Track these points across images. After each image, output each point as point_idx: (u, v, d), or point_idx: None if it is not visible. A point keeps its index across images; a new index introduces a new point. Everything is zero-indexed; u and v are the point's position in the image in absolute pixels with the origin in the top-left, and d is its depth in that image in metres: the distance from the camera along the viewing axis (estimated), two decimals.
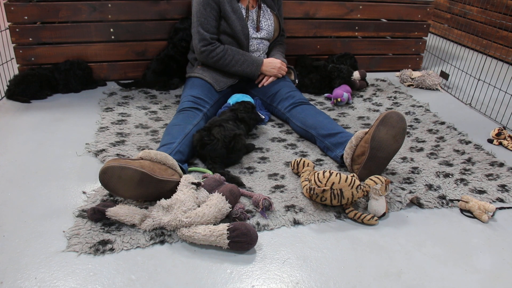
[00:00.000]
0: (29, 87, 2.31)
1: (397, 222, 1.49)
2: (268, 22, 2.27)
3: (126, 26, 2.55)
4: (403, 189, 1.65)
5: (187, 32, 2.49)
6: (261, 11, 2.25)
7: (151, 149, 1.74)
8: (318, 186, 1.46)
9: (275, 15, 2.31)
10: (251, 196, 1.53)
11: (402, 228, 1.46)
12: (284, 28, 2.44)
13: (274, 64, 2.24)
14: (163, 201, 1.37)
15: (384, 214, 1.49)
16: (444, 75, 2.80)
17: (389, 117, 1.62)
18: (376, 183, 1.49)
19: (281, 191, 1.61)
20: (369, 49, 3.01)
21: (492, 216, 1.53)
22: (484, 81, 2.64)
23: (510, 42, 3.37)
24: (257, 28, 2.23)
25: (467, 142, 2.06)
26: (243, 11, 2.18)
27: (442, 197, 1.62)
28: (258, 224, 1.42)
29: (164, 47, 2.58)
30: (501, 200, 1.63)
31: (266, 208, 1.46)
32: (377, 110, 2.42)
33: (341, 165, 1.81)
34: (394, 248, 1.36)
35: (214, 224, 1.35)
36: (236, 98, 2.11)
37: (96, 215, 1.37)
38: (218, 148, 1.68)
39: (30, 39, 2.45)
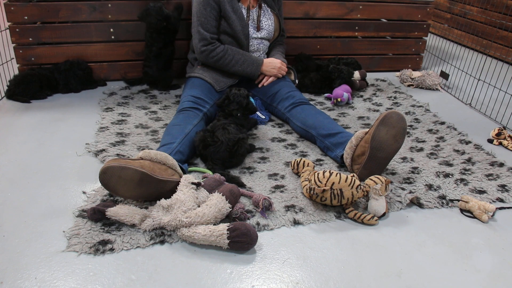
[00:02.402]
0: (29, 87, 2.31)
1: (397, 222, 1.49)
2: (268, 22, 2.27)
3: (126, 26, 2.54)
4: (403, 189, 1.65)
5: (161, 12, 2.33)
6: (262, 11, 2.25)
7: (151, 149, 1.74)
8: (318, 186, 1.46)
9: (275, 15, 2.31)
10: (251, 196, 1.53)
11: (402, 228, 1.46)
12: (284, 28, 2.44)
13: (274, 64, 2.24)
14: (163, 201, 1.37)
15: (384, 214, 1.49)
16: (444, 75, 2.80)
17: (389, 117, 1.62)
18: (376, 183, 1.49)
19: (281, 191, 1.61)
20: (369, 49, 3.01)
21: (492, 216, 1.53)
22: (484, 81, 2.64)
23: (510, 42, 3.37)
24: (258, 28, 2.23)
25: (467, 142, 2.06)
26: (244, 11, 2.18)
27: (442, 197, 1.62)
28: (258, 224, 1.42)
29: (149, 43, 2.44)
30: (501, 200, 1.63)
31: (266, 208, 1.46)
32: (377, 110, 2.42)
33: (341, 165, 1.81)
34: (394, 248, 1.36)
35: (214, 224, 1.35)
36: None
37: (96, 215, 1.37)
38: (221, 151, 1.68)
39: (30, 39, 2.45)
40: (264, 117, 2.20)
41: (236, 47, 2.18)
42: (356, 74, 2.66)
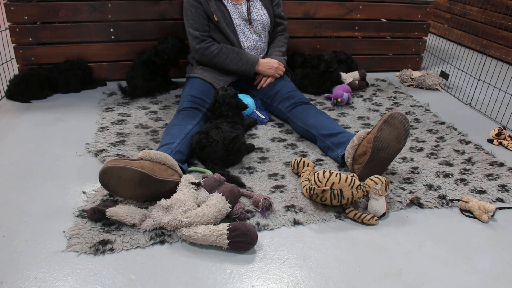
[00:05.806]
0: (29, 87, 2.31)
1: (397, 222, 1.49)
2: (260, 12, 2.26)
3: (126, 26, 2.55)
4: (403, 189, 1.65)
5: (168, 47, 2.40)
6: (251, 3, 2.24)
7: (151, 149, 1.74)
8: (318, 186, 1.46)
9: (265, 7, 2.29)
10: (251, 196, 1.53)
11: (402, 228, 1.46)
12: (283, 15, 2.40)
13: (271, 64, 2.24)
14: (163, 201, 1.37)
15: (384, 214, 1.49)
16: (444, 75, 2.80)
17: (393, 118, 1.62)
18: (376, 183, 1.49)
19: (281, 191, 1.61)
20: (369, 49, 3.01)
21: (492, 216, 1.53)
22: (484, 81, 2.64)
23: (510, 42, 3.37)
24: (249, 21, 2.22)
25: (467, 142, 2.06)
26: (230, 6, 2.18)
27: (442, 197, 1.62)
28: (258, 224, 1.42)
29: (141, 51, 2.44)
30: (501, 200, 1.63)
31: (266, 208, 1.46)
32: (377, 110, 2.42)
33: (342, 165, 1.81)
34: (394, 248, 1.36)
35: (214, 224, 1.35)
36: None
37: (96, 215, 1.37)
38: (217, 150, 1.68)
39: (30, 39, 2.45)
40: (264, 117, 2.20)
41: (228, 44, 2.19)
42: (356, 75, 2.66)
